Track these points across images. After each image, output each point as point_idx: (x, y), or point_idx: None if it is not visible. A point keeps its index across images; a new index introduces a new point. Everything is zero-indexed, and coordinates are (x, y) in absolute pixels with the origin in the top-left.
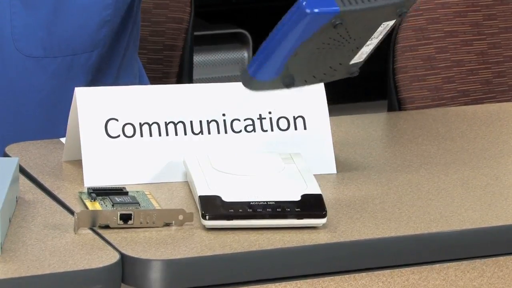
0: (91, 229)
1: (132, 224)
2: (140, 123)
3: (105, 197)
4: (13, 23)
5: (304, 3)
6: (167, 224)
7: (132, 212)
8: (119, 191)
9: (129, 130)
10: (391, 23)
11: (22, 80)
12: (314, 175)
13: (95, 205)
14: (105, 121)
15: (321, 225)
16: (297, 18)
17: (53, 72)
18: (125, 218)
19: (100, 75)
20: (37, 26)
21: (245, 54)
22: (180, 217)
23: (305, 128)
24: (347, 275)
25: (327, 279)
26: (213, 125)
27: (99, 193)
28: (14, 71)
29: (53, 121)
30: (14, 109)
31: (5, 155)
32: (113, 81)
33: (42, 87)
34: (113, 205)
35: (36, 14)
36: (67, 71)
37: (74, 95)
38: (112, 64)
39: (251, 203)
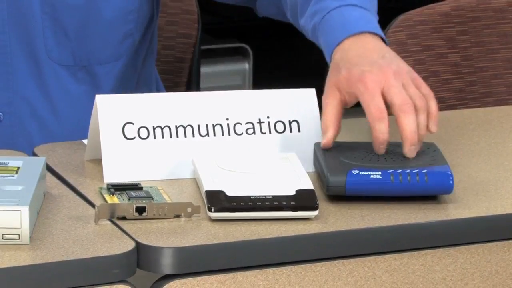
0: (110, 220)
1: (146, 215)
2: (153, 126)
3: (122, 192)
4: (45, 35)
5: None
6: (177, 216)
7: (146, 205)
8: (135, 187)
9: (143, 132)
10: None
11: (55, 85)
12: (307, 172)
13: (113, 199)
14: (122, 125)
15: (313, 216)
16: None
17: (81, 79)
18: (140, 210)
19: (122, 83)
20: (67, 38)
21: (246, 66)
22: (189, 209)
23: (299, 131)
24: (336, 261)
25: (318, 264)
26: (218, 128)
27: (117, 188)
28: (49, 77)
29: (83, 122)
30: (49, 111)
31: (34, 154)
32: (134, 88)
33: (72, 92)
34: (129, 199)
35: (65, 28)
36: (93, 79)
37: (95, 101)
38: (132, 73)
39: (251, 197)
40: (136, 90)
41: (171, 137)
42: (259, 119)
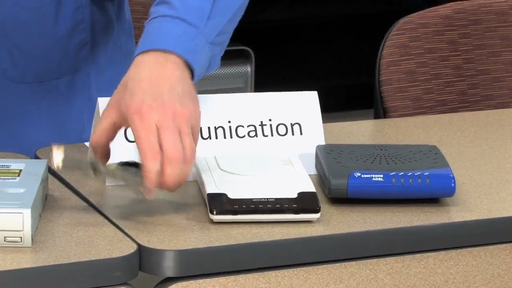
0: (112, 223)
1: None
2: None
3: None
4: None
5: None
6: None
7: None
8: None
9: None
10: None
11: (14, 104)
12: (309, 175)
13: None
14: (124, 127)
15: (315, 219)
16: None
17: (40, 95)
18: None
19: (90, 92)
20: (21, 55)
21: (248, 68)
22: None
23: (301, 134)
24: (338, 264)
25: (320, 267)
26: (220, 131)
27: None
28: (6, 96)
29: (59, 132)
30: (8, 130)
31: (36, 157)
32: (97, 93)
33: (35, 109)
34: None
35: (17, 45)
36: (52, 93)
37: (97, 104)
38: (96, 79)
39: (253, 199)
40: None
41: None
42: (261, 122)
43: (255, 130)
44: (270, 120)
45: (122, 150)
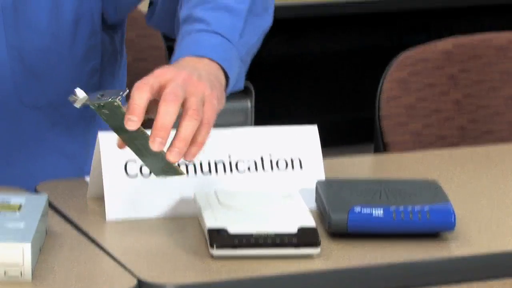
0: (111, 256)
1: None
2: None
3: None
4: (16, 80)
5: None
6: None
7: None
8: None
9: (146, 170)
10: None
11: (30, 130)
12: (309, 209)
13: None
14: (124, 162)
15: (316, 254)
16: None
17: (55, 121)
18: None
19: (92, 121)
20: (37, 80)
21: (248, 103)
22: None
23: (301, 168)
24: None
25: None
26: (220, 166)
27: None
28: (23, 122)
29: (60, 164)
30: (25, 156)
31: (36, 192)
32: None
33: (46, 134)
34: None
35: (34, 71)
36: (65, 119)
37: (97, 139)
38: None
39: (253, 234)
40: (107, 127)
41: None
42: (261, 157)
43: (255, 165)
44: (270, 154)
45: (121, 184)
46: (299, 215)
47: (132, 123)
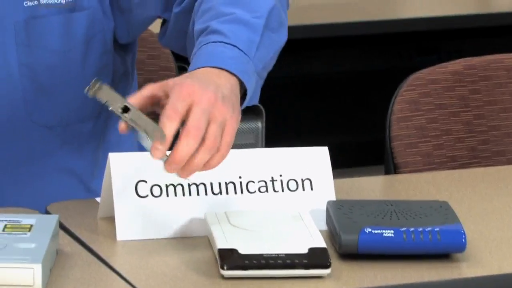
0: (123, 278)
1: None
2: (166, 185)
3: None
4: (26, 98)
5: None
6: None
7: (131, 108)
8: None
9: (156, 190)
10: None
11: (40, 148)
12: (319, 230)
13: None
14: (135, 183)
15: (326, 275)
16: None
17: (64, 139)
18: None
19: (104, 140)
20: (47, 98)
21: (259, 124)
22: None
23: (312, 189)
24: None
25: None
26: (230, 186)
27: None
28: (32, 140)
29: (71, 184)
30: (34, 174)
31: (47, 212)
32: (116, 145)
33: (56, 153)
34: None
35: (45, 88)
36: (75, 138)
37: (108, 160)
38: (113, 130)
39: (264, 255)
40: (118, 147)
41: (183, 195)
42: (272, 177)
43: (266, 186)
44: (280, 175)
45: (132, 204)
46: (310, 236)
47: (158, 152)
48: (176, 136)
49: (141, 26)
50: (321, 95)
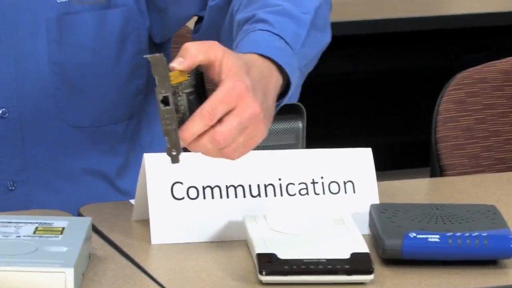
0: (158, 283)
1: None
2: (203, 186)
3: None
4: (57, 97)
5: None
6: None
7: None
8: None
9: (193, 192)
10: None
11: (70, 149)
12: (362, 235)
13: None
14: (171, 184)
15: (369, 281)
16: None
17: (96, 140)
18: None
19: (136, 142)
20: (79, 98)
21: (299, 124)
22: None
23: (354, 192)
24: None
25: None
26: (270, 189)
27: None
28: (62, 141)
29: (102, 187)
30: (63, 176)
31: (79, 214)
32: (148, 147)
33: (88, 155)
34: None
35: (77, 87)
36: (108, 139)
37: (142, 160)
38: (146, 132)
39: (304, 260)
40: (150, 149)
41: (221, 197)
42: (313, 180)
43: (306, 188)
44: (322, 177)
45: (167, 207)
46: (352, 241)
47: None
48: None
49: (176, 24)
50: (364, 94)
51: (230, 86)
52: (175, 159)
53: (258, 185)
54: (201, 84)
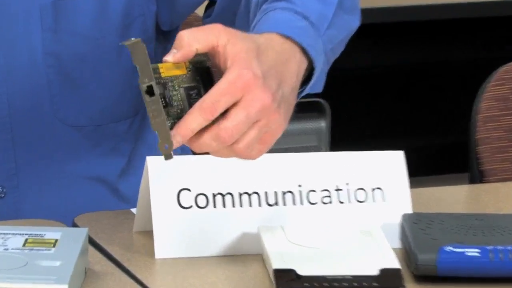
0: None
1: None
2: (213, 194)
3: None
4: (52, 92)
5: None
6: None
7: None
8: None
9: (202, 200)
10: None
11: (66, 151)
12: (392, 248)
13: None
14: (177, 191)
15: None
16: None
17: (96, 141)
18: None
19: (140, 142)
20: (76, 94)
21: (322, 123)
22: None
23: (383, 200)
24: None
25: None
26: (288, 196)
27: None
28: (57, 141)
29: (104, 192)
30: (58, 181)
31: (74, 225)
32: (153, 148)
33: (85, 157)
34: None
35: (74, 81)
36: (109, 139)
37: (145, 164)
38: (151, 130)
39: (327, 277)
40: (156, 150)
41: (233, 206)
42: (337, 186)
43: (330, 196)
44: (347, 184)
45: (173, 217)
46: (381, 255)
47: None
48: None
49: (187, 9)
50: (395, 90)
51: (235, 75)
52: (168, 155)
53: (275, 192)
54: (208, 79)
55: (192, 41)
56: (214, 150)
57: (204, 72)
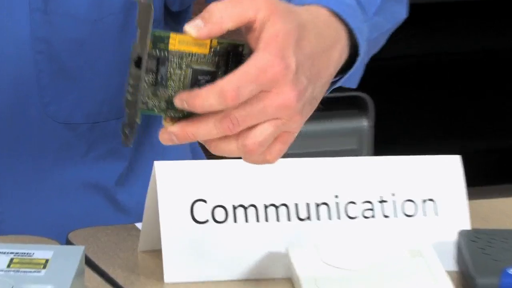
0: None
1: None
2: (233, 206)
3: None
4: (41, 83)
5: None
6: None
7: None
8: None
9: (220, 214)
10: None
11: (56, 153)
12: (447, 271)
13: None
14: (190, 203)
15: None
16: None
17: (92, 141)
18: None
19: (143, 143)
20: (69, 85)
21: (364, 123)
22: None
23: (436, 214)
24: None
25: None
26: (323, 209)
27: None
28: (46, 141)
29: (102, 198)
30: (49, 189)
31: (68, 242)
32: (162, 152)
33: (80, 160)
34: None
35: (66, 71)
36: (108, 139)
37: (153, 170)
38: (159, 122)
39: None
40: (163, 150)
41: (258, 220)
42: (381, 197)
43: (373, 209)
44: (393, 194)
45: (186, 233)
46: (433, 279)
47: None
48: None
49: None
50: (450, 83)
51: (267, 62)
52: (126, 141)
53: (308, 205)
54: (233, 67)
55: (225, 17)
56: (231, 151)
57: (234, 60)
